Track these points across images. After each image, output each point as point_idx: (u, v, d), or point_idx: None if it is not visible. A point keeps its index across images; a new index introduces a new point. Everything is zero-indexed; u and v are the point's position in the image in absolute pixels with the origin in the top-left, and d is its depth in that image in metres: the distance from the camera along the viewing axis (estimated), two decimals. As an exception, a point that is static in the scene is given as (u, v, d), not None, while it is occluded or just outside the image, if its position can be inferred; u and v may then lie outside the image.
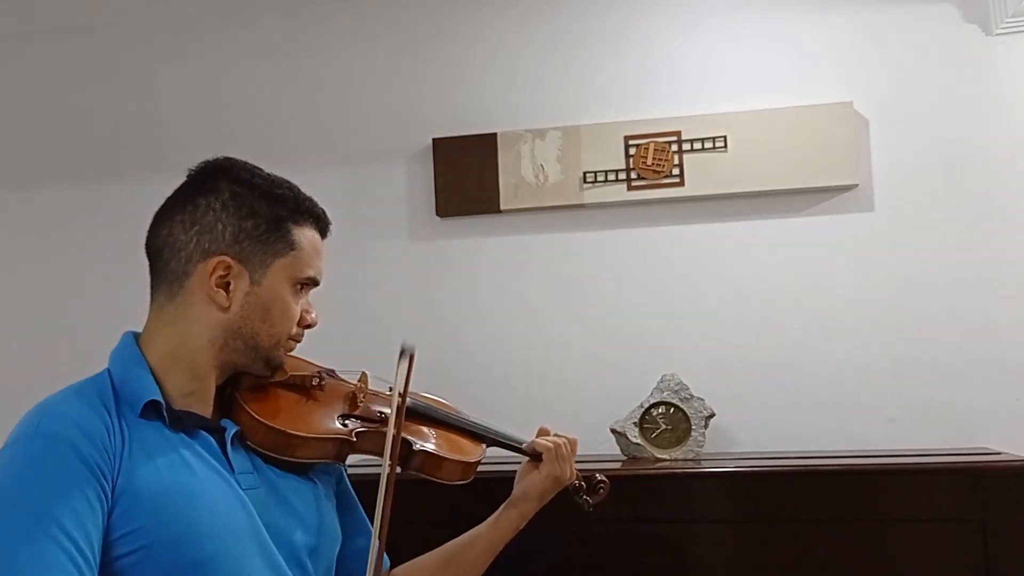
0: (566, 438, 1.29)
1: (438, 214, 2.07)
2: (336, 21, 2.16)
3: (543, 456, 1.25)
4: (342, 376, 1.23)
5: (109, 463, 0.93)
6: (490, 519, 1.25)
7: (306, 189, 1.14)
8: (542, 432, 1.31)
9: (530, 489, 1.25)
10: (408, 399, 1.20)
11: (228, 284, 1.03)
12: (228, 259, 1.03)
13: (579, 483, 1.31)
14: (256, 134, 2.14)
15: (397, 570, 1.24)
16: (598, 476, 1.33)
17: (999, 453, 1.71)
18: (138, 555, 0.91)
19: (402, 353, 1.09)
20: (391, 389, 1.24)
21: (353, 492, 1.24)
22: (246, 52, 2.19)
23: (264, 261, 1.05)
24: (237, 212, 1.04)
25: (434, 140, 2.07)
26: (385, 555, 1.24)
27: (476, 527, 1.25)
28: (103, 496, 0.91)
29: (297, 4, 2.17)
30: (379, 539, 0.99)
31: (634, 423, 1.81)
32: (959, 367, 1.87)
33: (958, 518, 1.55)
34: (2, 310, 2.24)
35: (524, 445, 1.29)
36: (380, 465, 1.05)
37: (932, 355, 1.88)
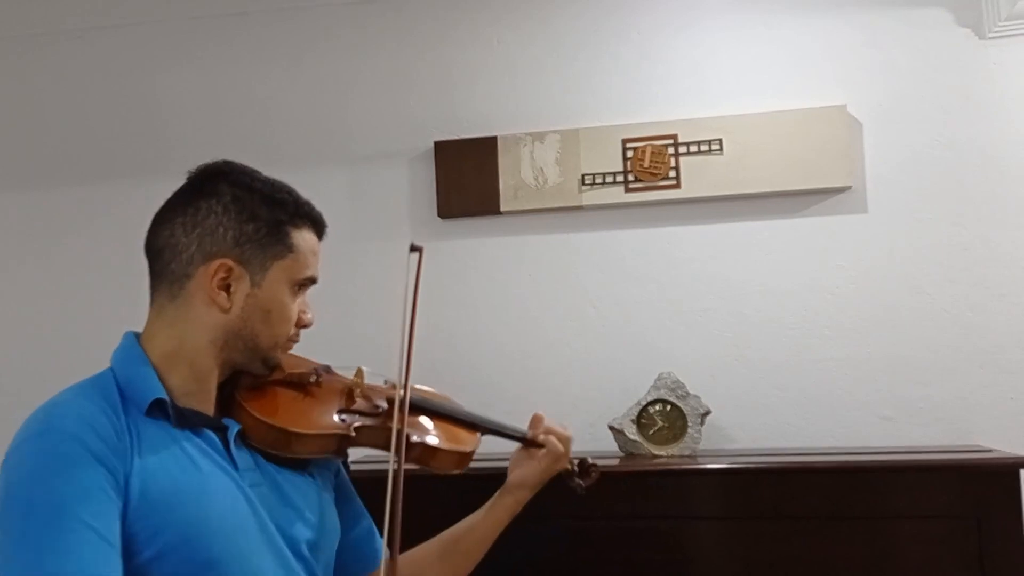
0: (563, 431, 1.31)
1: (439, 215, 2.09)
2: (337, 24, 2.18)
3: (546, 448, 1.28)
4: (338, 372, 1.23)
5: (121, 460, 0.94)
6: (485, 507, 1.27)
7: (309, 191, 1.15)
8: (536, 419, 1.32)
9: (527, 478, 1.27)
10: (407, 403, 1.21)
11: (229, 286, 1.04)
12: (230, 262, 1.04)
13: (571, 467, 1.34)
14: (258, 136, 2.16)
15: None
16: (589, 460, 1.35)
17: (992, 451, 1.72)
18: (152, 553, 0.92)
19: (412, 249, 1.11)
20: (386, 382, 1.26)
21: (350, 483, 1.26)
22: (248, 55, 2.21)
23: (264, 264, 1.06)
24: (239, 215, 1.05)
25: (435, 143, 2.09)
26: (383, 545, 1.26)
27: (471, 515, 1.27)
28: (119, 488, 0.92)
29: (298, 7, 2.19)
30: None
31: (631, 420, 1.83)
32: (953, 366, 1.88)
33: (952, 515, 1.56)
34: (2, 310, 2.25)
35: (526, 435, 1.31)
36: (381, 460, 1.06)
37: (926, 354, 1.89)
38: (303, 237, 1.10)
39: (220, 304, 1.04)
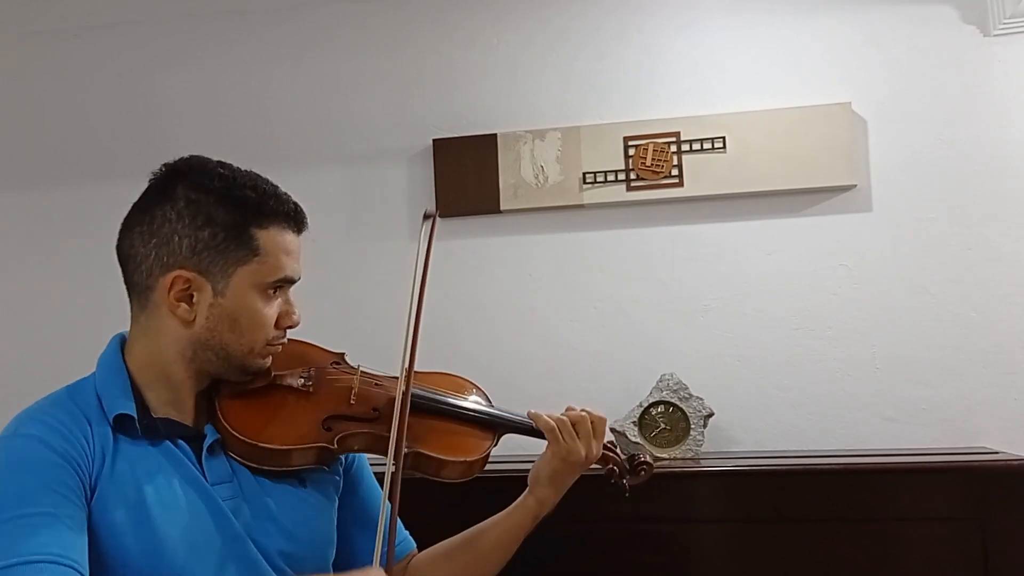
0: (588, 414, 1.17)
1: (438, 214, 2.07)
2: (337, 22, 2.16)
3: (546, 436, 1.16)
4: (349, 363, 1.19)
5: (87, 463, 0.93)
6: (509, 507, 1.19)
7: (308, 190, 1.13)
8: (568, 411, 1.20)
9: (539, 473, 1.17)
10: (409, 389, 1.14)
11: (191, 297, 1.00)
12: (186, 273, 0.99)
13: (614, 467, 1.22)
14: (257, 135, 2.15)
15: (419, 556, 1.23)
16: (641, 456, 1.22)
17: (997, 452, 1.71)
18: (110, 565, 0.92)
19: (425, 216, 1.08)
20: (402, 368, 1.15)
21: (368, 475, 1.21)
22: (247, 53, 2.20)
23: (226, 270, 1.00)
24: (193, 222, 1.00)
25: (434, 141, 2.08)
26: (410, 537, 1.25)
27: (496, 514, 1.20)
28: (83, 486, 0.92)
29: (298, 5, 2.18)
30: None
31: (633, 422, 1.81)
32: (957, 367, 1.87)
33: (956, 517, 1.56)
34: (2, 310, 2.24)
35: (529, 426, 1.19)
36: (380, 462, 1.04)
37: (930, 355, 1.88)
38: (270, 236, 1.02)
39: (182, 317, 1.01)
